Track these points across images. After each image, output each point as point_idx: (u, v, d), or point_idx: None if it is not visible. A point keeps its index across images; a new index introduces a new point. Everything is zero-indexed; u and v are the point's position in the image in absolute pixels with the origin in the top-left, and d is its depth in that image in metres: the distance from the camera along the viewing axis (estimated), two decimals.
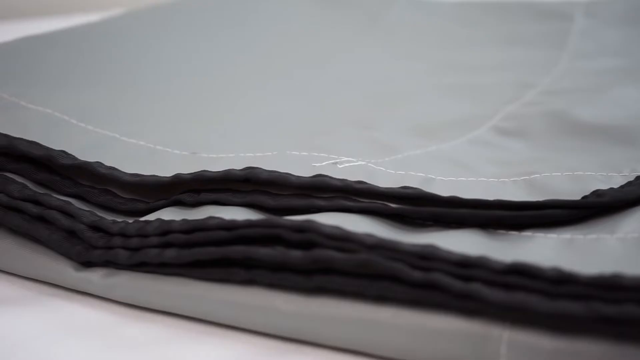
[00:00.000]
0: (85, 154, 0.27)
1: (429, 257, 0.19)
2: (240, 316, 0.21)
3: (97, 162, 0.26)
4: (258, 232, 0.21)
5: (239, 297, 0.21)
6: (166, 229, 0.22)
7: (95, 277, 0.23)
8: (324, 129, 0.32)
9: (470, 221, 0.22)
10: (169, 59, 0.38)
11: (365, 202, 0.23)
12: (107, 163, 0.26)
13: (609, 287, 0.18)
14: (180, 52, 0.39)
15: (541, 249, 0.21)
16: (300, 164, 0.26)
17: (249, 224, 0.21)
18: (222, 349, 0.21)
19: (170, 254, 0.22)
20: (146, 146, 0.28)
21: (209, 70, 0.38)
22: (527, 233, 0.22)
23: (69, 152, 0.27)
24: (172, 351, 0.21)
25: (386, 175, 0.26)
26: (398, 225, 0.23)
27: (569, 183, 0.25)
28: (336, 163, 0.26)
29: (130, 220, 0.24)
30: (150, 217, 0.24)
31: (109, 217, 0.25)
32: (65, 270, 0.23)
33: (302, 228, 0.21)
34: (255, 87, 0.38)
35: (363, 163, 0.27)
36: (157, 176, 0.25)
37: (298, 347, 0.21)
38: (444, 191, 0.25)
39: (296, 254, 0.20)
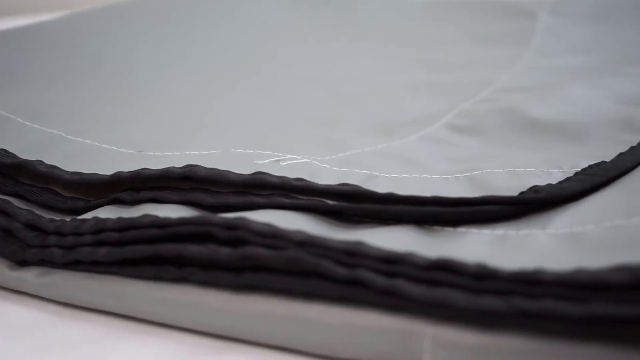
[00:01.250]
0: (29, 152, 0.27)
1: (355, 254, 0.19)
2: (173, 314, 0.21)
3: (38, 160, 0.26)
4: (190, 230, 0.21)
5: (171, 295, 0.21)
6: (100, 227, 0.22)
7: (30, 276, 0.23)
8: (278, 127, 0.32)
9: (406, 217, 0.22)
10: (125, 57, 0.38)
11: (303, 200, 0.23)
12: (51, 162, 0.26)
13: (530, 282, 0.18)
14: (137, 51, 0.39)
15: (474, 245, 0.21)
16: (243, 161, 0.26)
17: (181, 222, 0.21)
18: (156, 347, 0.21)
19: (102, 252, 0.22)
20: (92, 145, 0.28)
21: (167, 68, 0.38)
22: (462, 229, 0.22)
23: (12, 151, 0.26)
24: (106, 350, 0.21)
25: (329, 172, 0.26)
26: (335, 222, 0.23)
27: (509, 179, 0.25)
28: (279, 160, 0.26)
29: (68, 219, 0.24)
30: (88, 215, 0.24)
31: (49, 216, 0.25)
32: (0, 269, 0.23)
33: (232, 225, 0.21)
34: (215, 85, 0.37)
35: (307, 160, 0.27)
36: (97, 174, 0.25)
37: (231, 345, 0.21)
38: (386, 188, 0.25)
39: (225, 251, 0.20)
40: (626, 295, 0.17)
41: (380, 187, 0.25)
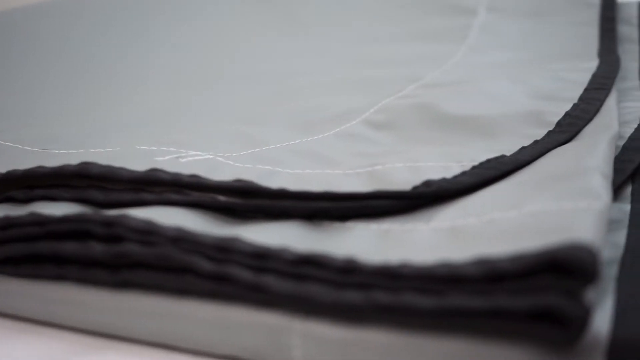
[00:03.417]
0: None
1: (227, 249, 0.19)
2: (52, 312, 0.21)
3: None
4: (70, 227, 0.21)
5: (50, 293, 0.21)
6: None
7: None
8: (196, 124, 0.32)
9: (295, 213, 0.22)
10: (44, 56, 0.37)
11: (194, 196, 0.23)
12: None
13: (391, 276, 0.18)
14: (57, 49, 0.38)
15: (358, 240, 0.21)
16: (144, 158, 0.26)
17: (61, 219, 0.21)
18: (37, 345, 0.21)
19: None
20: None
21: (89, 66, 0.38)
22: (350, 224, 0.22)
23: None
24: None
25: (232, 168, 0.26)
26: (227, 219, 0.23)
27: (407, 174, 0.25)
28: (179, 157, 0.26)
29: None
30: None
31: None
32: None
33: (109, 222, 0.20)
34: (142, 82, 0.37)
35: (210, 157, 0.26)
36: None
37: (113, 344, 0.21)
38: (286, 183, 0.24)
39: (99, 249, 0.20)
40: (480, 288, 0.17)
41: (282, 182, 0.25)
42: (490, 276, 0.16)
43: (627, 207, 0.24)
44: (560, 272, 0.16)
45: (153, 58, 0.41)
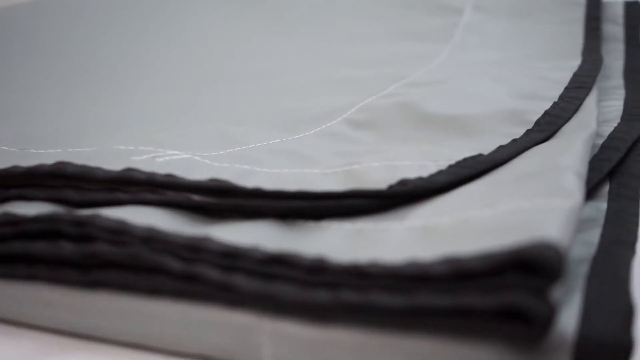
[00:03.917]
0: None
1: (197, 249, 0.19)
2: (23, 312, 0.21)
3: None
4: (42, 227, 0.21)
5: (22, 293, 0.21)
6: None
7: None
8: (177, 123, 0.32)
9: (269, 212, 0.22)
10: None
11: (169, 196, 0.23)
12: None
13: (359, 275, 0.18)
14: (42, 49, 0.38)
15: (331, 239, 0.21)
16: (120, 158, 0.26)
17: (33, 219, 0.21)
18: (7, 346, 0.21)
19: None
20: None
21: (74, 64, 0.37)
22: (324, 223, 0.22)
23: None
24: None
25: (208, 167, 0.26)
26: (203, 218, 0.23)
27: (384, 173, 0.25)
28: (156, 157, 0.26)
29: None
30: None
31: None
32: None
33: (81, 222, 0.20)
34: (127, 82, 0.37)
35: (187, 156, 0.26)
36: None
37: (83, 343, 0.21)
38: (263, 183, 0.24)
39: (70, 248, 0.20)
40: (448, 287, 0.17)
41: (259, 182, 0.25)
42: (457, 275, 0.16)
43: (603, 205, 0.24)
44: (527, 270, 0.16)
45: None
